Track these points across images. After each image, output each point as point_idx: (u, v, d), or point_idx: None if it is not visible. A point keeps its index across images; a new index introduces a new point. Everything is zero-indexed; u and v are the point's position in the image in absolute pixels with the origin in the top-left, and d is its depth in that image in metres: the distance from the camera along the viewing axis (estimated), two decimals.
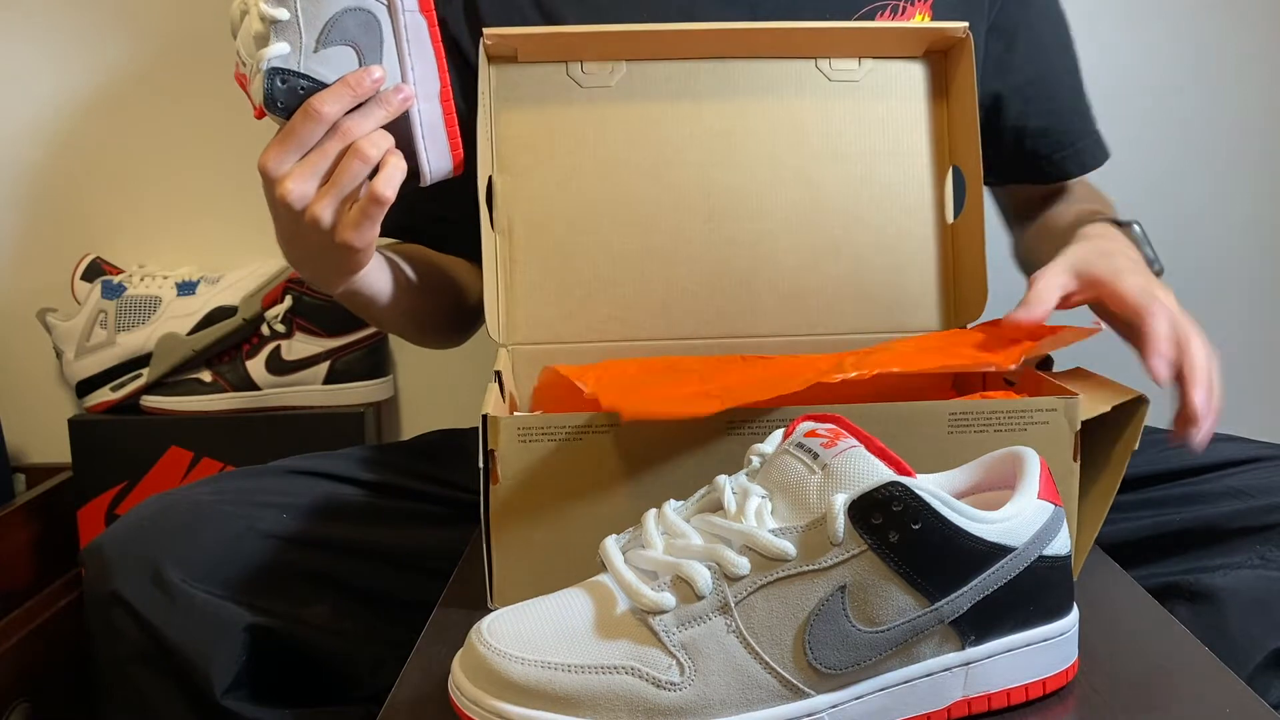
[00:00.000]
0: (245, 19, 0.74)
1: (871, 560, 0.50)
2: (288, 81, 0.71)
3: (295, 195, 0.70)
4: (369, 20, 0.72)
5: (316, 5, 0.71)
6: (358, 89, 0.71)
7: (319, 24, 0.71)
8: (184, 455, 1.31)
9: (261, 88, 0.71)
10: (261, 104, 0.71)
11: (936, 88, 0.88)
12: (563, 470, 0.65)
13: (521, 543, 0.66)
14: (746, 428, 0.65)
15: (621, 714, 0.48)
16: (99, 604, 0.78)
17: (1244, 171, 1.39)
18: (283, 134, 0.71)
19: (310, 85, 0.71)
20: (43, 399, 1.44)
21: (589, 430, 0.65)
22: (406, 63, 0.74)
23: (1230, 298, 1.41)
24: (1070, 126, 1.00)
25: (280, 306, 1.34)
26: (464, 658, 0.51)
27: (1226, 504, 0.77)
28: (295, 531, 0.82)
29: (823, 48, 0.87)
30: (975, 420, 0.65)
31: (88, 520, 1.31)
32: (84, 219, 1.43)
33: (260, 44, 0.71)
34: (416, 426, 1.43)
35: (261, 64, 0.71)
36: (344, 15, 0.71)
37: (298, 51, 0.71)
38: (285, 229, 0.76)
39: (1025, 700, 0.55)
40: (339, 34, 0.71)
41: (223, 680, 0.77)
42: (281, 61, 0.71)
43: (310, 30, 0.71)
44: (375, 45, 0.73)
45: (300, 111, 0.70)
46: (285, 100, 0.71)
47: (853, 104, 0.88)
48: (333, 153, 0.71)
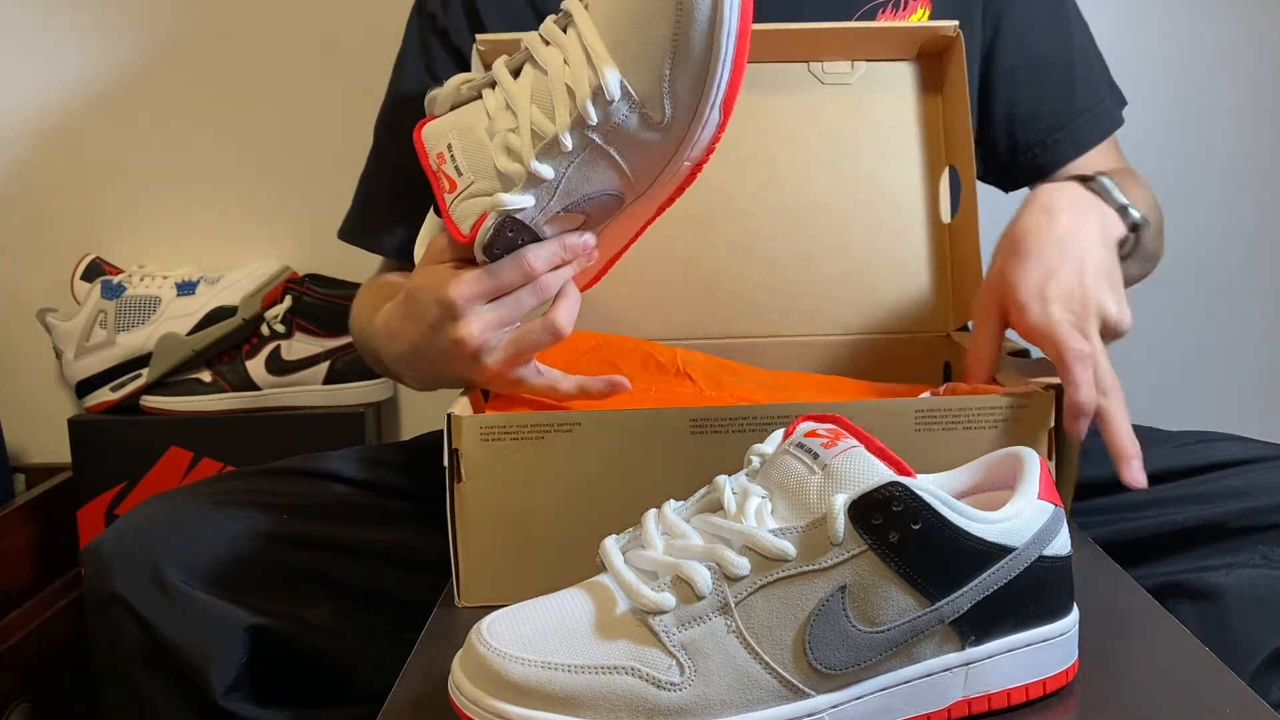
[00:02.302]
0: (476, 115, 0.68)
1: (872, 560, 0.50)
2: (514, 232, 0.67)
3: (477, 342, 0.68)
4: (615, 204, 0.68)
5: (584, 181, 0.66)
6: (569, 253, 0.68)
7: (576, 196, 0.66)
8: (184, 455, 1.31)
9: (489, 231, 0.66)
10: (477, 242, 0.67)
11: (930, 89, 0.88)
12: (525, 469, 0.66)
13: (486, 541, 0.67)
14: (708, 426, 0.65)
15: (621, 714, 0.48)
16: (99, 604, 0.78)
17: (1245, 171, 1.39)
18: (486, 275, 0.67)
19: (529, 238, 0.67)
20: (43, 399, 1.44)
21: (550, 429, 0.65)
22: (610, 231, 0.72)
23: (1230, 297, 1.41)
24: (1061, 108, 0.98)
25: (280, 306, 1.34)
26: (464, 658, 0.51)
27: (1229, 503, 0.77)
28: (295, 532, 0.82)
29: (815, 51, 0.87)
30: (943, 418, 0.65)
31: (88, 520, 1.32)
32: (84, 219, 1.43)
33: (504, 184, 0.66)
34: (416, 426, 1.43)
35: (498, 207, 0.66)
36: (601, 196, 0.67)
37: (539, 211, 0.66)
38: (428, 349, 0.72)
39: (1025, 700, 0.55)
40: (584, 207, 0.67)
41: (223, 681, 0.77)
42: (521, 216, 0.66)
43: (564, 199, 0.66)
44: (602, 220, 0.70)
45: (512, 261, 0.67)
46: (502, 249, 0.67)
47: (846, 106, 0.88)
48: (527, 308, 0.68)
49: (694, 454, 0.65)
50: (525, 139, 0.65)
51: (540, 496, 0.66)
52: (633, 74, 0.63)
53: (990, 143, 0.98)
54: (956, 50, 0.84)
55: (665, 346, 0.84)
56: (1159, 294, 1.41)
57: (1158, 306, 1.40)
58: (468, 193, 0.67)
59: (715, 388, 0.80)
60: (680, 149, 0.66)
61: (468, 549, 0.67)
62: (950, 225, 0.88)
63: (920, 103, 0.88)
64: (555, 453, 0.65)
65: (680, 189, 0.70)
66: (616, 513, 0.59)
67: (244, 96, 1.40)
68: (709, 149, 0.67)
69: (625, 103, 0.63)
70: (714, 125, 0.66)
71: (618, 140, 0.65)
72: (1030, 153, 0.98)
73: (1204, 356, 1.40)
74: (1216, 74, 1.37)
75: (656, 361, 0.82)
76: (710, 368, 0.82)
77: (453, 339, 0.68)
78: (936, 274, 0.88)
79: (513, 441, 0.65)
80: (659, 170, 0.67)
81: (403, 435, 1.46)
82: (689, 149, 0.66)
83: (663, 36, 0.62)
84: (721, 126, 0.66)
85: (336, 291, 1.36)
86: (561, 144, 0.64)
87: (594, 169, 0.66)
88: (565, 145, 0.64)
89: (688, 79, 0.63)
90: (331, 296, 1.35)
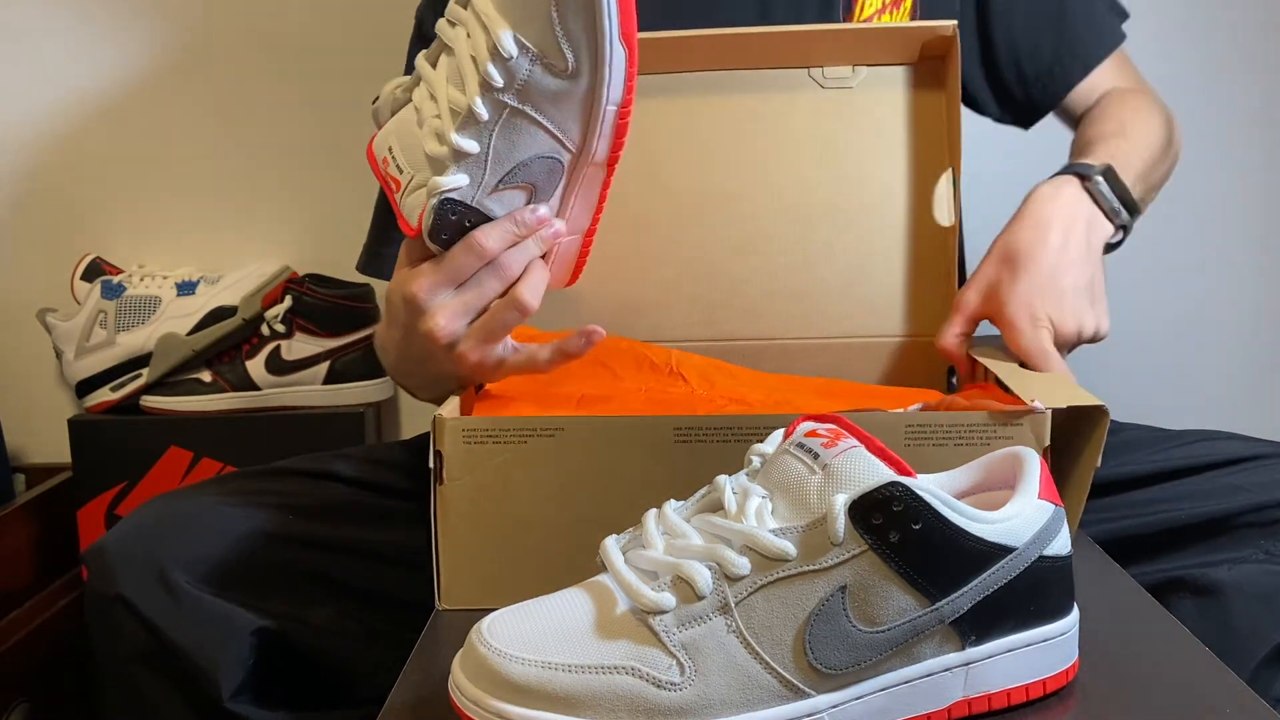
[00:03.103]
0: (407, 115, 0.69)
1: (872, 560, 0.50)
2: (456, 213, 0.67)
3: (445, 332, 0.69)
4: (554, 167, 0.68)
5: (511, 147, 0.66)
6: (521, 228, 0.68)
7: (508, 165, 0.67)
8: (184, 455, 1.31)
9: (430, 217, 0.67)
10: (424, 231, 0.67)
11: (930, 92, 0.88)
12: (506, 473, 0.65)
13: (467, 544, 0.66)
14: (692, 435, 0.64)
15: (621, 714, 0.48)
16: (102, 605, 0.78)
17: (1245, 170, 1.39)
18: (440, 264, 0.68)
19: (476, 219, 0.68)
20: (43, 399, 1.45)
21: (533, 434, 0.65)
22: (569, 204, 0.71)
23: (1230, 297, 1.41)
24: (1061, 33, 1.00)
25: (280, 306, 1.34)
26: (464, 658, 0.51)
27: (1231, 500, 0.77)
28: (299, 532, 0.82)
29: (815, 57, 0.87)
30: (934, 433, 0.64)
31: (88, 520, 1.32)
32: (84, 219, 1.43)
33: (435, 168, 0.67)
34: (416, 426, 1.43)
35: (433, 192, 0.66)
36: (535, 160, 0.67)
37: (475, 187, 0.67)
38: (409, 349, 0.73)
39: (1025, 700, 0.55)
40: (524, 175, 0.67)
41: (230, 684, 0.76)
42: (458, 195, 0.66)
43: (496, 170, 0.67)
44: (551, 189, 0.69)
45: (462, 245, 0.67)
46: (450, 234, 0.68)
47: (846, 110, 0.88)
48: (491, 292, 0.69)
49: (677, 462, 0.64)
50: (446, 120, 0.66)
51: (522, 501, 0.65)
52: (525, 28, 0.63)
53: (1000, 83, 1.01)
54: (954, 52, 0.84)
55: (660, 348, 0.83)
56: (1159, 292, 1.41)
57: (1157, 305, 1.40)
58: (410, 187, 0.68)
59: (708, 387, 0.80)
60: (595, 94, 0.66)
61: (448, 551, 0.66)
62: (950, 228, 0.88)
63: (920, 106, 0.88)
64: (538, 457, 0.65)
65: (619, 141, 0.69)
66: (598, 519, 0.59)
67: (244, 97, 1.40)
68: (627, 89, 0.67)
69: (525, 57, 0.64)
70: (621, 61, 0.66)
71: (530, 97, 0.65)
72: (1040, 83, 1.01)
73: (1204, 356, 1.40)
74: (1215, 71, 1.37)
75: (650, 361, 0.81)
76: (705, 369, 0.82)
77: (423, 333, 0.69)
78: (936, 277, 0.88)
79: (495, 445, 0.65)
80: (585, 122, 0.67)
81: (402, 435, 1.46)
82: (604, 91, 0.66)
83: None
84: (631, 62, 0.66)
85: (336, 291, 1.36)
86: (476, 114, 0.65)
87: (517, 133, 0.66)
88: (480, 114, 0.65)
89: (578, 20, 0.63)
90: (331, 296, 1.35)
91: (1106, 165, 0.84)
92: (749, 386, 0.81)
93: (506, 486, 0.65)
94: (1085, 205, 0.82)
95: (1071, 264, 0.79)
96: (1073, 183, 0.83)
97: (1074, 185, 0.83)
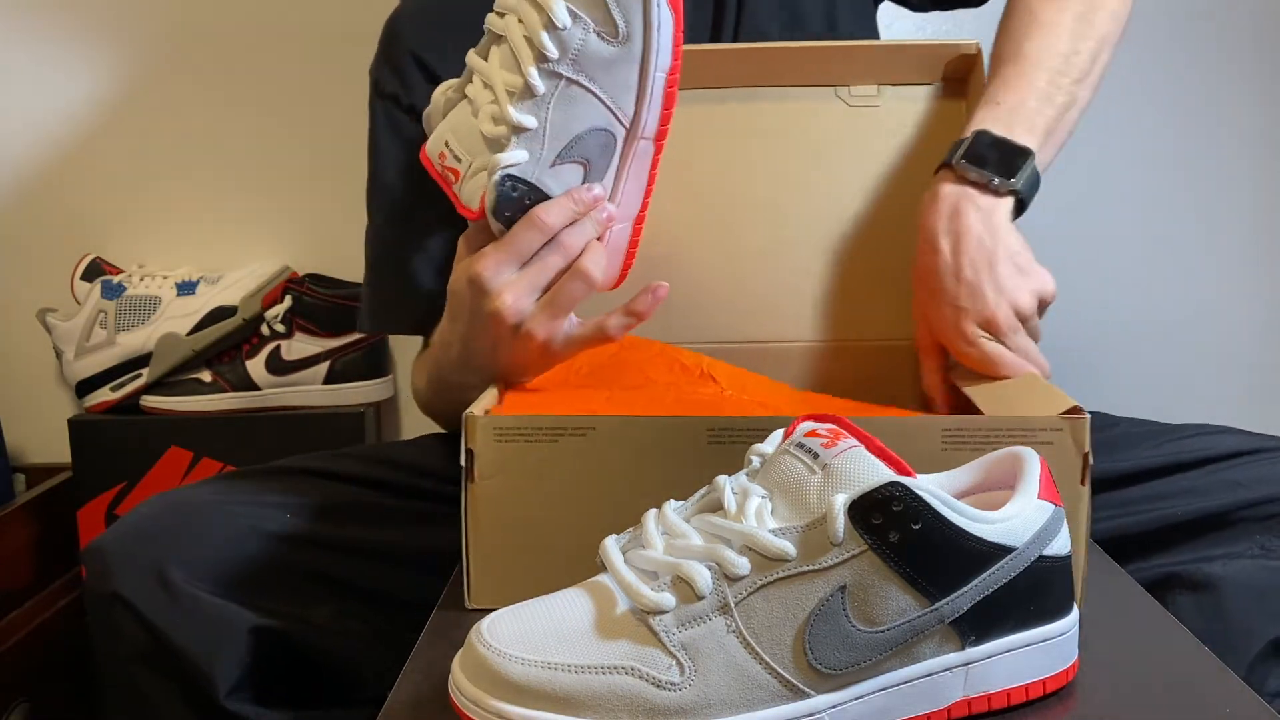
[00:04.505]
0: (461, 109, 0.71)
1: (871, 560, 0.50)
2: (518, 190, 0.68)
3: (512, 310, 0.69)
4: (608, 141, 0.70)
5: (567, 120, 0.68)
6: (579, 205, 0.69)
7: (565, 139, 0.69)
8: (184, 455, 1.31)
9: (492, 193, 0.68)
10: (487, 209, 0.69)
11: (952, 103, 0.89)
12: (538, 471, 0.65)
13: (498, 542, 0.66)
14: (726, 436, 0.64)
15: (621, 714, 0.48)
16: (101, 604, 0.78)
17: (1244, 170, 1.39)
18: (503, 243, 0.69)
19: (536, 197, 0.69)
20: (43, 399, 1.45)
21: (564, 432, 0.65)
22: (620, 184, 0.72)
23: (1230, 296, 1.41)
24: None
25: (280, 306, 1.34)
26: (464, 658, 0.51)
27: (1227, 495, 0.77)
28: (298, 531, 0.82)
29: (841, 75, 0.88)
30: (972, 438, 0.63)
31: (88, 520, 1.32)
32: (84, 219, 1.43)
33: (494, 147, 0.68)
34: (416, 427, 1.43)
35: (495, 169, 0.68)
36: (590, 134, 0.69)
37: (535, 163, 0.68)
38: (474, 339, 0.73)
39: (1025, 700, 0.55)
40: (579, 150, 0.69)
41: (227, 682, 0.76)
42: (519, 171, 0.68)
43: (554, 144, 0.68)
44: (604, 166, 0.71)
45: (524, 221, 0.68)
46: (513, 211, 0.69)
47: (871, 125, 0.89)
48: (554, 268, 0.69)
49: (710, 463, 0.63)
50: (503, 100, 0.68)
51: (553, 500, 0.65)
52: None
53: None
54: (978, 70, 0.85)
55: (690, 351, 0.84)
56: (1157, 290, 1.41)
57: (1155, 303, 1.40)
58: (469, 172, 0.70)
59: (738, 390, 0.80)
60: (646, 59, 0.68)
61: (478, 550, 0.66)
62: None
63: (943, 120, 0.89)
64: (569, 456, 0.65)
65: (667, 114, 0.72)
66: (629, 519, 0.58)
67: (244, 97, 1.40)
68: (675, 53, 0.69)
69: (579, 27, 0.66)
70: (669, 24, 0.69)
71: (585, 66, 0.67)
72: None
73: (1202, 351, 1.40)
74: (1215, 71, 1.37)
75: (680, 364, 0.81)
76: (734, 375, 0.82)
77: (489, 313, 0.69)
78: None
79: (526, 444, 0.65)
80: (636, 90, 0.69)
81: (403, 435, 1.46)
82: (654, 57, 0.68)
83: None
84: (677, 25, 0.69)
85: (336, 291, 1.36)
86: (533, 87, 0.67)
87: (573, 105, 0.68)
88: (537, 88, 0.67)
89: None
90: (331, 296, 1.35)
91: (973, 134, 0.80)
92: (776, 394, 0.81)
93: (538, 485, 0.65)
94: (960, 194, 0.79)
95: (971, 259, 0.77)
96: (943, 176, 0.80)
97: (945, 179, 0.80)
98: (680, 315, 0.87)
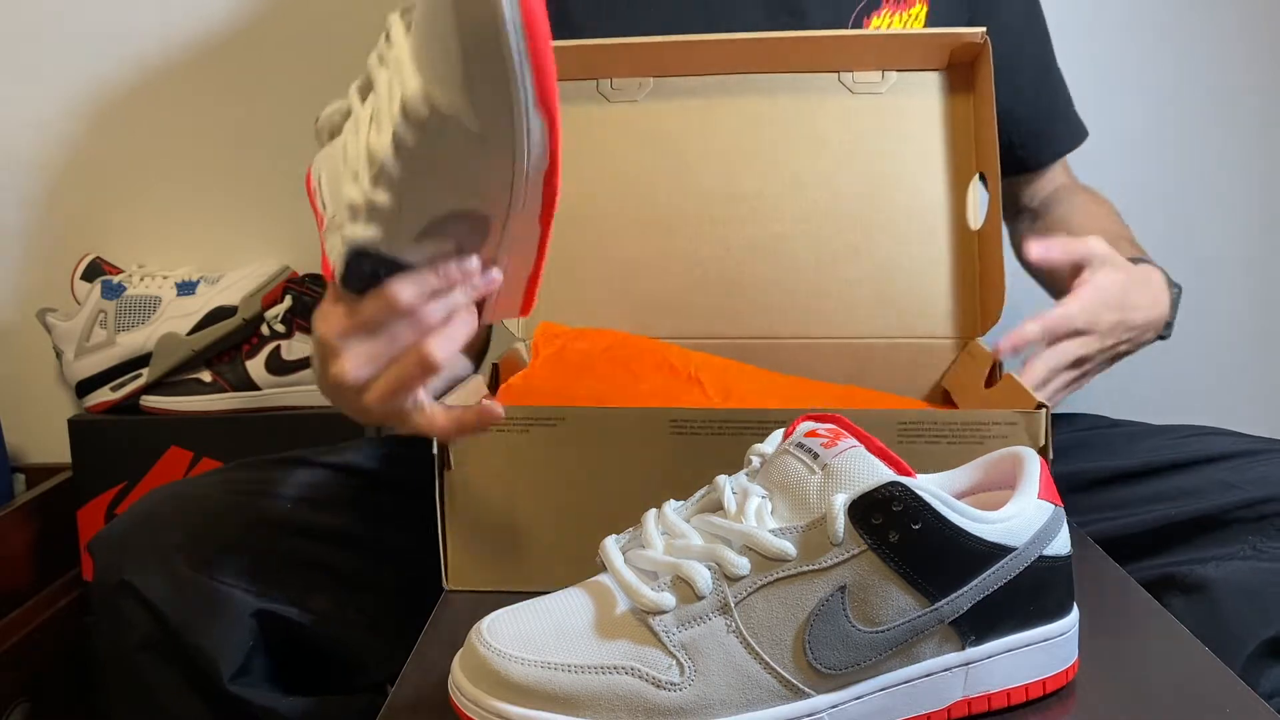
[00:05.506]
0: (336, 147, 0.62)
1: (871, 560, 0.50)
2: (368, 267, 0.59)
3: (351, 377, 0.63)
4: (477, 224, 0.59)
5: (428, 204, 0.58)
6: (443, 281, 0.60)
7: (422, 221, 0.58)
8: (184, 455, 1.31)
9: (340, 265, 0.60)
10: (336, 279, 0.60)
11: (959, 97, 0.88)
12: (510, 460, 0.68)
13: (472, 528, 0.69)
14: (688, 427, 0.66)
15: (621, 714, 0.48)
16: (108, 593, 0.78)
17: (1244, 169, 1.39)
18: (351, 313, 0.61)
19: (392, 270, 0.59)
20: (43, 399, 1.44)
21: (535, 422, 0.67)
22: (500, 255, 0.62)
23: (1230, 296, 1.41)
24: (1039, 109, 1.00)
25: (280, 306, 1.34)
26: (464, 658, 0.51)
27: (1220, 496, 0.77)
28: (302, 522, 0.83)
29: (844, 61, 0.88)
30: (927, 431, 0.64)
31: (88, 520, 1.32)
32: (84, 219, 1.43)
33: (351, 214, 0.59)
34: None
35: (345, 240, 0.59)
36: (453, 218, 0.59)
37: (390, 239, 0.59)
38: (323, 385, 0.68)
39: (1025, 700, 0.55)
40: (444, 229, 0.59)
41: (230, 665, 0.77)
42: (370, 246, 0.59)
43: (413, 224, 0.58)
44: (476, 243, 0.60)
45: (374, 296, 0.60)
46: (362, 284, 0.60)
47: (875, 115, 0.88)
48: (403, 343, 0.61)
49: (673, 453, 0.66)
50: (363, 166, 0.59)
51: (524, 486, 0.68)
52: (436, 89, 0.55)
53: None
54: (985, 58, 0.84)
55: (682, 350, 0.84)
56: None
57: None
58: (330, 225, 0.62)
59: (724, 398, 0.80)
60: (516, 163, 0.57)
61: (455, 534, 0.69)
62: (978, 232, 0.88)
63: (950, 110, 0.88)
64: (539, 445, 0.67)
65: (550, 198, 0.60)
66: (596, 505, 0.63)
67: (244, 96, 1.40)
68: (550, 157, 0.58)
69: (435, 118, 0.55)
70: (540, 131, 0.56)
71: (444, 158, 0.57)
72: (1011, 151, 1.00)
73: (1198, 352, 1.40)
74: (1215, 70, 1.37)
75: (670, 365, 0.82)
76: (727, 373, 0.82)
77: (334, 373, 0.64)
78: (963, 280, 0.88)
79: (499, 433, 0.67)
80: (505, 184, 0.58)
81: None
82: (524, 162, 0.57)
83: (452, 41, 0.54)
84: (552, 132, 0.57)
85: None
86: (388, 170, 0.57)
87: (431, 191, 0.58)
88: (392, 171, 0.57)
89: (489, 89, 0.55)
90: None
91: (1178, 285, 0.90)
92: (767, 394, 0.81)
93: (510, 473, 0.68)
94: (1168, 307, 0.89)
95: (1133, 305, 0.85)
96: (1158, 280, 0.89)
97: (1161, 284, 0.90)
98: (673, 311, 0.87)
